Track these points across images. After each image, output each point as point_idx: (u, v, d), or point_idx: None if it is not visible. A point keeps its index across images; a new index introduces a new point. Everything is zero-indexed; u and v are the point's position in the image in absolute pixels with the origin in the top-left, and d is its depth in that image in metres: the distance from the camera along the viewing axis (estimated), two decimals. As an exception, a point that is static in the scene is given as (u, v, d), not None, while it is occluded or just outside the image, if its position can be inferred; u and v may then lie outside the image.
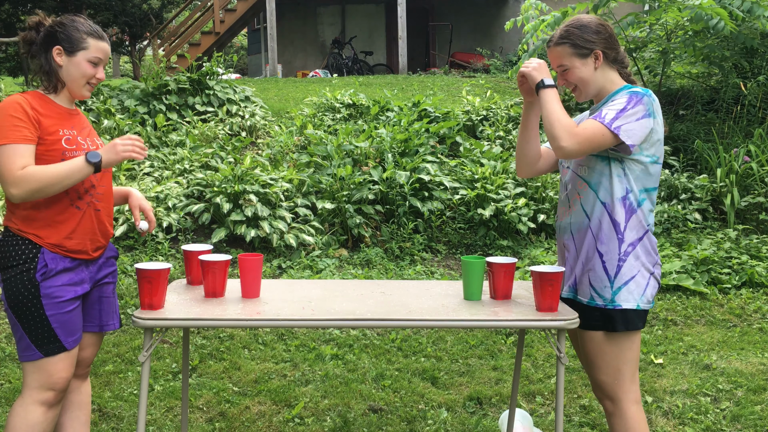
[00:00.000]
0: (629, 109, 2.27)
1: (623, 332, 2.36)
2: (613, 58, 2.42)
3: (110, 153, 2.35)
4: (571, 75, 2.40)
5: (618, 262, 2.34)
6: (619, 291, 2.34)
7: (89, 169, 2.32)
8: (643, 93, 2.31)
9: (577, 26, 2.39)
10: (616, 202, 2.34)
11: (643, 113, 2.28)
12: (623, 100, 2.30)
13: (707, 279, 5.31)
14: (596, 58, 2.38)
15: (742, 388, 3.80)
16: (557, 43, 2.40)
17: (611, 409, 2.41)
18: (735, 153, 6.86)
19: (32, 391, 2.37)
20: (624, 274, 2.34)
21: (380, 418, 3.48)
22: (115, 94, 8.08)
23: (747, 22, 7.07)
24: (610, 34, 2.41)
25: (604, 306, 2.35)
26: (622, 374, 2.38)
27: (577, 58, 2.38)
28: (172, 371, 3.96)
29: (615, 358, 2.37)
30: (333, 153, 6.56)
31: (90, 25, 2.44)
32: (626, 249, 2.34)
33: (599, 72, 2.40)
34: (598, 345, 2.38)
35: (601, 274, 2.36)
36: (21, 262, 2.33)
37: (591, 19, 2.41)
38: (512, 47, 16.48)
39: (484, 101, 8.86)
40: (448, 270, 5.70)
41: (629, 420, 2.37)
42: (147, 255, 5.42)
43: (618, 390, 2.38)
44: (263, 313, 2.31)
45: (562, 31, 2.40)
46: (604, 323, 2.36)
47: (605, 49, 2.38)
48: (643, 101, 2.29)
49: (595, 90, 2.43)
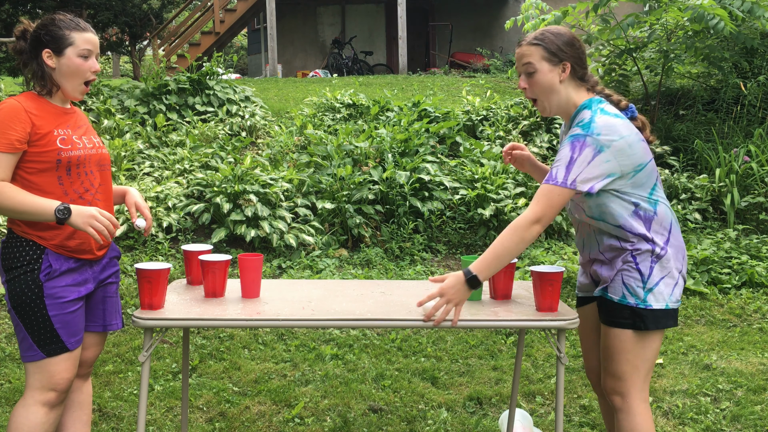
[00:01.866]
0: (576, 158, 2.26)
1: (653, 330, 2.37)
2: (581, 76, 2.41)
3: (80, 218, 2.29)
4: (536, 79, 2.38)
5: (651, 264, 2.35)
6: (651, 291, 2.34)
7: (52, 219, 2.28)
8: (585, 133, 2.27)
9: (554, 33, 2.39)
10: (629, 218, 2.34)
11: (593, 153, 2.25)
12: (566, 152, 2.27)
13: (707, 279, 5.31)
14: (564, 69, 2.37)
15: (742, 388, 3.80)
16: (531, 43, 2.39)
17: (620, 404, 2.42)
18: (735, 153, 6.86)
19: (34, 392, 2.36)
20: (655, 274, 2.35)
21: (380, 418, 3.49)
22: (115, 94, 8.08)
23: (747, 22, 7.08)
24: (582, 51, 2.41)
25: (635, 305, 2.35)
26: (638, 371, 2.39)
27: (546, 62, 2.36)
28: (172, 371, 3.96)
29: (636, 355, 2.38)
30: (333, 153, 6.56)
31: (70, 20, 2.41)
32: (659, 252, 2.35)
33: (564, 85, 2.38)
34: (624, 342, 2.38)
35: (634, 273, 2.36)
36: (25, 263, 2.33)
37: (566, 31, 2.42)
38: (512, 47, 16.49)
39: (484, 101, 8.87)
40: (448, 270, 5.70)
41: (637, 416, 2.38)
42: (147, 255, 5.42)
43: (631, 387, 2.39)
44: (263, 313, 2.31)
45: (537, 33, 2.40)
46: (634, 321, 2.36)
47: (574, 64, 2.38)
48: (587, 142, 2.25)
49: (557, 103, 2.41)
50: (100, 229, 2.32)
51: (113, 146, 6.64)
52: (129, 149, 6.76)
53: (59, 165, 2.35)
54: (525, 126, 7.88)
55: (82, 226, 2.30)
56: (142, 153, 6.93)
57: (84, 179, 2.41)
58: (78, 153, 2.39)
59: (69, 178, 2.37)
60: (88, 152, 2.43)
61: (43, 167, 2.34)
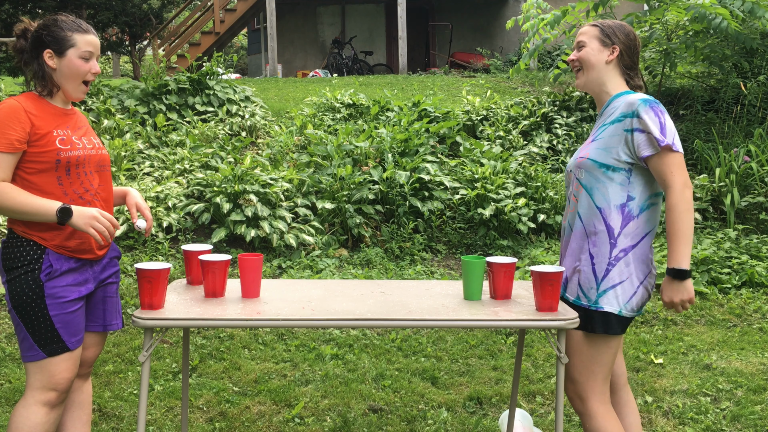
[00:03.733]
0: (664, 122, 2.31)
1: (601, 335, 2.37)
2: (627, 65, 2.49)
3: (81, 219, 2.30)
4: (583, 53, 2.48)
5: (607, 266, 2.36)
6: (604, 294, 2.35)
7: (53, 219, 2.29)
8: (654, 101, 2.36)
9: (615, 22, 2.51)
10: (613, 208, 2.37)
11: (668, 117, 2.35)
12: (651, 116, 2.31)
13: (707, 279, 5.31)
14: (612, 52, 2.46)
15: (742, 388, 3.80)
16: (591, 24, 2.52)
17: (580, 408, 2.44)
18: (735, 153, 6.86)
19: (35, 392, 2.37)
20: (611, 278, 2.36)
21: (380, 418, 3.49)
22: (115, 94, 8.08)
23: (747, 22, 7.07)
24: (636, 44, 2.52)
25: (587, 306, 2.38)
26: (594, 375, 2.40)
27: (597, 41, 2.47)
28: (172, 371, 3.96)
29: (590, 358, 2.39)
30: (333, 153, 6.56)
31: (72, 21, 2.42)
32: (617, 254, 2.36)
33: (608, 67, 2.47)
34: (576, 344, 2.42)
35: (589, 275, 2.38)
36: (26, 263, 2.33)
37: (628, 26, 2.53)
38: (512, 47, 16.49)
39: (484, 101, 8.86)
40: (448, 270, 5.70)
41: (598, 418, 2.39)
42: (147, 255, 5.42)
43: (588, 390, 2.41)
44: (263, 313, 2.31)
45: (601, 19, 2.54)
46: (585, 323, 2.39)
47: (624, 51, 2.47)
48: (660, 108, 2.35)
49: (596, 82, 2.49)
50: (101, 230, 2.32)
51: (113, 146, 6.64)
52: (129, 149, 6.76)
53: (58, 165, 2.35)
54: (525, 126, 7.88)
55: (83, 226, 2.30)
56: (142, 153, 6.93)
57: (83, 180, 2.41)
58: (77, 153, 2.39)
59: (68, 179, 2.38)
60: (87, 153, 2.44)
61: (42, 168, 2.34)
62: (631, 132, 2.33)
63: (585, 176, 2.42)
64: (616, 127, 2.37)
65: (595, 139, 2.43)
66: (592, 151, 2.41)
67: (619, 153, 2.35)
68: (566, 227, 2.54)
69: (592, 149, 2.41)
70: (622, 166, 2.35)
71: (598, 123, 2.50)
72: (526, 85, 11.22)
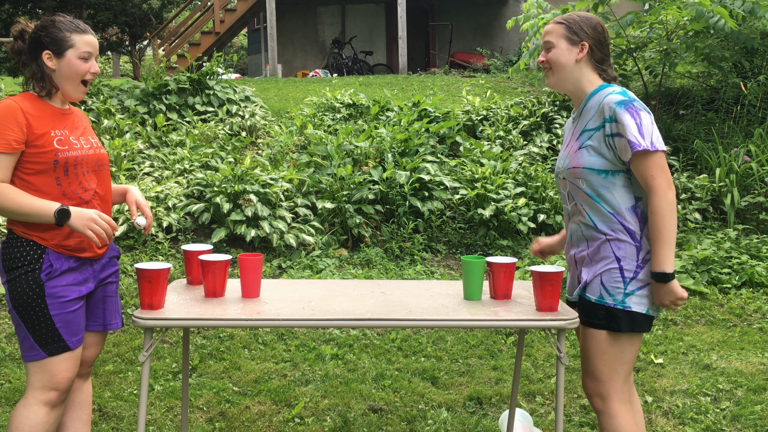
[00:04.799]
0: (640, 122, 2.28)
1: (627, 333, 2.36)
2: (599, 59, 2.45)
3: (80, 220, 2.30)
4: (552, 54, 2.44)
5: (636, 268, 2.33)
6: (632, 294, 2.33)
7: (51, 220, 2.29)
8: (630, 99, 2.33)
9: (580, 16, 2.46)
10: (626, 212, 2.35)
11: (647, 116, 2.31)
12: (627, 118, 2.29)
13: (707, 279, 5.31)
14: (582, 49, 2.41)
15: (742, 388, 3.80)
16: (555, 22, 2.47)
17: (600, 407, 2.42)
18: (735, 153, 6.86)
19: (35, 392, 2.37)
20: (640, 279, 2.34)
21: (380, 418, 3.49)
22: (115, 94, 8.09)
23: (747, 21, 7.08)
24: (605, 36, 2.46)
25: (612, 305, 2.34)
26: (617, 374, 2.38)
27: (564, 40, 2.42)
28: (172, 371, 3.96)
29: (613, 357, 2.37)
30: (333, 153, 6.56)
31: (71, 21, 2.41)
32: (644, 256, 2.34)
33: (578, 65, 2.43)
34: (599, 343, 2.38)
35: (616, 276, 2.35)
36: (26, 263, 2.33)
37: (594, 17, 2.47)
38: (512, 47, 16.49)
39: (484, 101, 8.87)
40: (448, 270, 5.70)
41: (619, 418, 2.38)
42: (147, 255, 5.42)
43: (611, 388, 2.39)
44: (263, 313, 2.31)
45: (566, 15, 2.49)
46: (609, 322, 2.35)
47: (593, 45, 2.43)
48: (636, 106, 2.31)
49: (569, 81, 2.45)
50: (99, 232, 2.32)
51: (113, 146, 6.64)
52: (129, 149, 6.76)
53: (56, 166, 2.35)
54: (525, 126, 7.88)
55: (81, 228, 2.30)
56: (142, 153, 6.93)
57: (82, 180, 2.41)
58: (75, 153, 2.39)
59: (67, 179, 2.37)
60: (85, 153, 2.43)
61: (40, 168, 2.33)
62: (612, 137, 2.32)
63: (587, 185, 2.38)
64: (601, 133, 2.35)
65: (584, 146, 2.39)
66: (585, 159, 2.37)
67: (613, 157, 2.34)
68: (576, 235, 2.48)
69: (585, 157, 2.38)
70: (620, 168, 2.34)
71: (580, 124, 2.45)
72: (526, 85, 11.22)
